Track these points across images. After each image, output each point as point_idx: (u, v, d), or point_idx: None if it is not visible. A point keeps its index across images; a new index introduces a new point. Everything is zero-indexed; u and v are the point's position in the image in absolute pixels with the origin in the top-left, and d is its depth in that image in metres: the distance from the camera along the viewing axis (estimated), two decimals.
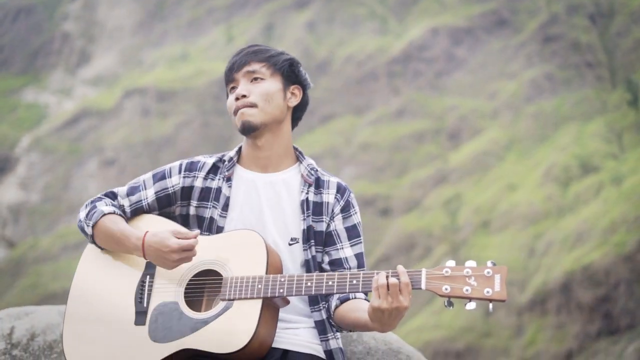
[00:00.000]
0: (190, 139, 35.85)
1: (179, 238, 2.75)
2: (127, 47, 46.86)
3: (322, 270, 2.95)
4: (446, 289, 2.59)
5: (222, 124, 35.78)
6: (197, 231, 2.78)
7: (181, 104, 38.25)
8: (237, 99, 2.97)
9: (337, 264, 2.95)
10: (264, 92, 2.98)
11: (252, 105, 2.96)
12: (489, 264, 2.60)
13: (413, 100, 35.87)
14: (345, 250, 2.96)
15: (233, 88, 3.01)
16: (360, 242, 3.00)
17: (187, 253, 2.75)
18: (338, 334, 2.95)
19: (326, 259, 2.96)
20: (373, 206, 31.75)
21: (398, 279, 2.59)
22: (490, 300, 2.58)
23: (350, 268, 2.94)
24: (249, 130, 2.97)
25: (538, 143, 31.41)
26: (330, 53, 39.52)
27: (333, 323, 2.89)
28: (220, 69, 3.51)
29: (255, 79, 2.99)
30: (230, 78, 3.00)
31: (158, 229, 2.85)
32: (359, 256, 2.98)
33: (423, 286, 2.62)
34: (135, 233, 2.83)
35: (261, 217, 2.95)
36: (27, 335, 3.29)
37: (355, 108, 36.72)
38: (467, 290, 2.57)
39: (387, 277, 2.60)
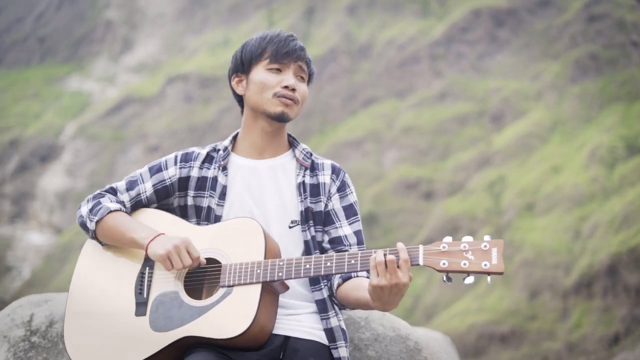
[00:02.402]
0: (232, 124, 35.95)
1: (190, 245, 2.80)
2: (169, 33, 47.10)
3: (322, 249, 2.97)
4: (444, 264, 2.59)
5: None
6: (204, 261, 2.80)
7: (223, 89, 38.33)
8: (286, 86, 2.97)
9: (337, 242, 2.98)
10: (304, 94, 3.07)
11: (296, 102, 2.98)
12: (485, 237, 2.62)
13: (455, 82, 35.64)
14: (344, 229, 3.00)
15: (278, 70, 3.00)
16: (358, 220, 3.05)
17: (185, 254, 2.77)
18: (340, 314, 2.95)
19: (326, 237, 3.00)
20: (416, 190, 31.64)
21: (397, 256, 2.60)
22: (488, 274, 2.59)
23: (350, 245, 2.98)
24: (282, 121, 2.99)
25: (583, 124, 31.05)
26: (371, 37, 39.37)
27: (336, 302, 2.90)
28: None
29: (302, 77, 3.03)
30: (279, 60, 3.00)
31: (161, 229, 2.90)
32: (357, 233, 3.03)
33: (421, 262, 2.63)
34: (152, 229, 2.88)
35: (261, 202, 2.97)
36: (46, 322, 3.32)
37: (397, 91, 36.57)
38: (464, 264, 2.58)
39: (384, 254, 2.60)
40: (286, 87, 2.98)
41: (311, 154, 3.06)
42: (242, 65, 3.04)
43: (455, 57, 36.71)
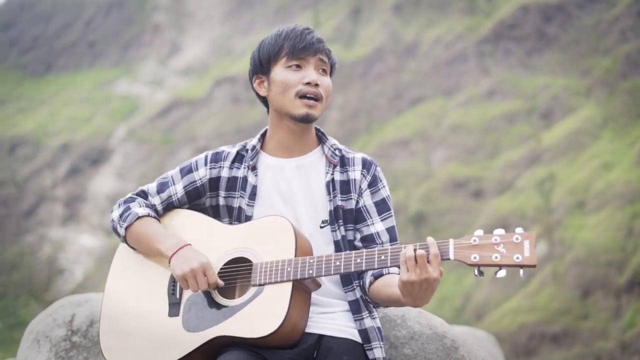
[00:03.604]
0: None
1: (208, 269, 2.79)
2: (216, 36, 47.40)
3: (354, 248, 2.93)
4: (475, 258, 2.53)
5: None
6: (222, 284, 2.80)
7: None
8: (308, 82, 2.93)
9: (369, 240, 2.92)
10: (328, 88, 2.98)
11: (319, 99, 2.93)
12: (517, 230, 2.55)
13: (504, 80, 35.38)
14: (376, 225, 2.93)
15: (298, 67, 2.95)
16: (391, 216, 2.98)
17: (202, 278, 2.76)
18: (375, 313, 2.91)
19: (358, 236, 2.94)
20: (465, 188, 31.45)
21: (427, 251, 2.56)
22: (521, 267, 2.52)
23: (382, 243, 2.92)
24: (307, 122, 2.94)
25: (634, 120, 30.61)
26: (417, 35, 39.22)
27: (369, 300, 2.86)
28: None
29: (324, 70, 2.97)
30: (297, 56, 2.94)
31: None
32: (390, 230, 2.95)
33: (451, 256, 2.57)
34: (178, 238, 2.88)
35: (291, 202, 2.94)
36: (86, 322, 3.35)
37: (444, 90, 36.39)
38: (496, 257, 2.52)
39: (414, 249, 2.56)
40: (308, 83, 2.92)
41: (340, 149, 3.01)
42: (262, 66, 2.99)
43: (503, 54, 36.43)
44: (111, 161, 40.66)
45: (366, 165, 2.99)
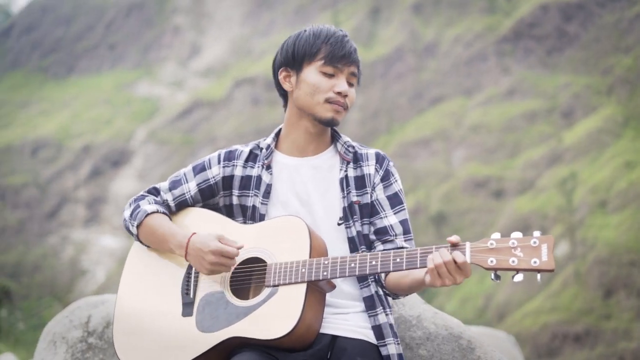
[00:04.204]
0: None
1: (222, 243, 2.76)
2: (236, 37, 47.49)
3: (368, 241, 2.92)
4: (492, 262, 2.51)
5: None
6: (242, 244, 2.77)
7: None
8: (339, 92, 2.93)
9: (382, 232, 2.93)
10: (353, 99, 3.01)
11: (345, 108, 2.95)
12: (535, 233, 2.52)
13: (524, 79, 35.25)
14: (390, 218, 2.94)
15: (332, 76, 2.95)
16: (404, 209, 2.98)
17: (224, 260, 2.75)
18: (389, 310, 2.90)
19: (372, 228, 2.94)
20: (485, 188, 31.36)
21: (454, 261, 2.54)
22: (538, 271, 2.48)
23: (395, 235, 2.93)
24: (330, 125, 2.96)
25: None
26: (437, 34, 39.14)
27: (388, 292, 2.85)
28: None
29: (352, 84, 2.99)
30: (333, 63, 2.93)
31: (205, 229, 2.87)
32: (403, 222, 2.96)
33: (468, 259, 2.55)
34: (181, 232, 2.86)
35: (307, 201, 2.94)
36: (102, 324, 3.36)
37: (464, 89, 36.30)
38: (513, 261, 2.49)
39: (442, 259, 2.54)
40: (339, 92, 2.93)
41: (353, 146, 3.02)
42: (293, 61, 2.98)
43: (523, 53, 36.29)
44: (132, 163, 40.86)
45: (379, 159, 3.00)
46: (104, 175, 40.52)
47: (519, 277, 2.50)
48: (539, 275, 2.50)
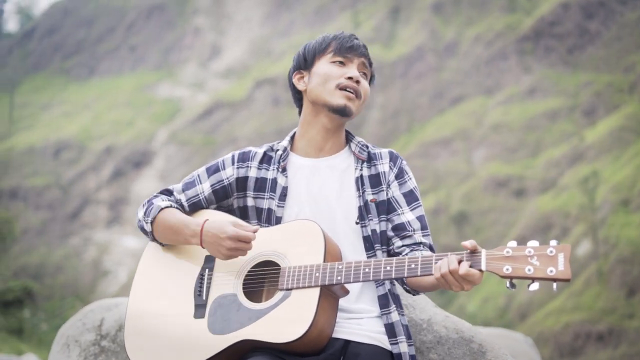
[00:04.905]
0: None
1: (238, 228, 2.76)
2: (256, 38, 47.60)
3: (386, 238, 2.93)
4: (507, 270, 2.48)
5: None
6: (257, 227, 2.77)
7: None
8: (350, 78, 2.94)
9: (400, 229, 2.92)
10: (367, 90, 3.01)
11: (358, 96, 2.95)
12: (552, 242, 2.49)
13: (545, 77, 35.13)
14: (407, 215, 2.94)
15: (341, 63, 2.98)
16: (420, 205, 2.98)
17: (242, 244, 2.74)
18: (403, 309, 2.89)
19: (389, 225, 2.94)
20: (507, 187, 31.26)
21: (464, 259, 2.54)
22: (554, 280, 2.45)
23: (414, 230, 2.92)
24: (344, 114, 2.95)
25: None
26: (457, 34, 39.08)
27: (408, 288, 2.84)
28: None
29: (365, 74, 2.99)
30: (343, 54, 2.97)
31: (218, 218, 2.87)
32: (420, 218, 2.95)
33: (483, 267, 2.53)
34: (194, 220, 2.85)
35: (326, 202, 2.93)
36: (115, 327, 3.35)
37: (485, 88, 36.22)
38: (529, 270, 2.46)
39: (448, 268, 2.54)
40: (350, 78, 2.94)
41: (367, 146, 3.03)
42: (305, 61, 3.02)
43: (544, 52, 36.17)
44: (153, 164, 41.03)
45: (392, 158, 3.01)
46: (125, 177, 40.73)
47: (535, 286, 2.48)
48: (554, 285, 2.49)
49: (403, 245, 2.87)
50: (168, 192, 3.06)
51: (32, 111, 48.09)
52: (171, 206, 2.96)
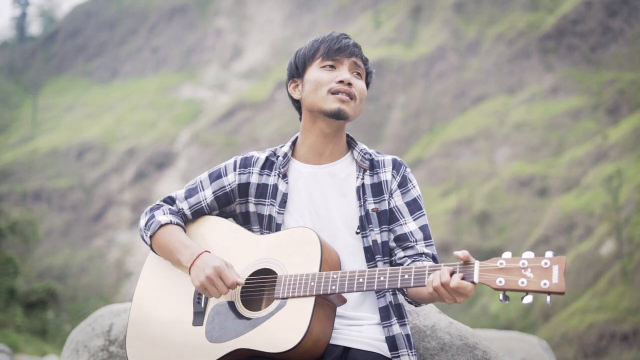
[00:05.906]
0: None
1: (228, 268, 2.76)
2: (277, 39, 47.65)
3: (388, 249, 2.89)
4: (500, 282, 2.41)
5: (372, 110, 35.87)
6: (242, 282, 2.76)
7: None
8: (341, 81, 2.91)
9: (402, 239, 2.86)
10: (362, 90, 2.96)
11: (352, 98, 2.91)
12: (547, 254, 2.43)
13: (568, 76, 34.94)
14: (409, 225, 2.88)
15: (332, 67, 2.95)
16: (423, 215, 2.92)
17: (219, 282, 2.72)
18: (406, 320, 2.86)
19: (391, 236, 2.89)
20: (529, 187, 31.11)
21: (456, 271, 2.50)
22: (548, 293, 2.39)
23: (416, 241, 2.86)
24: (340, 117, 2.92)
25: None
26: (479, 33, 38.95)
27: (409, 300, 2.81)
28: (370, 56, 3.44)
29: (358, 74, 2.96)
30: (332, 57, 2.94)
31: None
32: (423, 228, 2.90)
33: (476, 279, 2.47)
34: (191, 251, 2.86)
35: (326, 210, 2.90)
36: (124, 332, 3.34)
37: (507, 87, 36.08)
38: (522, 282, 2.39)
39: (440, 282, 2.50)
40: (341, 81, 2.90)
41: (370, 154, 2.99)
42: (297, 70, 2.98)
43: (566, 50, 35.97)
44: (176, 165, 41.17)
45: (396, 166, 2.97)
46: (148, 178, 40.90)
47: (529, 299, 2.43)
48: (548, 298, 2.44)
49: (405, 256, 2.83)
50: (171, 200, 3.05)
51: (55, 113, 48.42)
52: (172, 222, 2.96)
